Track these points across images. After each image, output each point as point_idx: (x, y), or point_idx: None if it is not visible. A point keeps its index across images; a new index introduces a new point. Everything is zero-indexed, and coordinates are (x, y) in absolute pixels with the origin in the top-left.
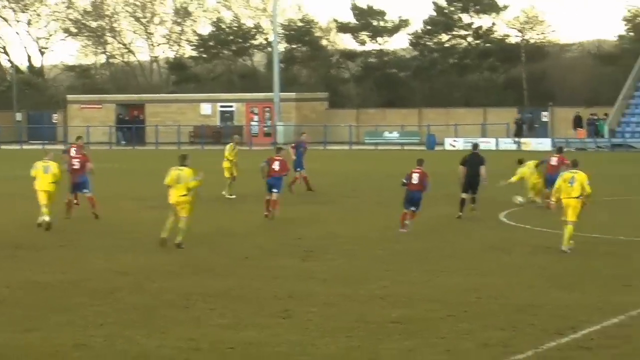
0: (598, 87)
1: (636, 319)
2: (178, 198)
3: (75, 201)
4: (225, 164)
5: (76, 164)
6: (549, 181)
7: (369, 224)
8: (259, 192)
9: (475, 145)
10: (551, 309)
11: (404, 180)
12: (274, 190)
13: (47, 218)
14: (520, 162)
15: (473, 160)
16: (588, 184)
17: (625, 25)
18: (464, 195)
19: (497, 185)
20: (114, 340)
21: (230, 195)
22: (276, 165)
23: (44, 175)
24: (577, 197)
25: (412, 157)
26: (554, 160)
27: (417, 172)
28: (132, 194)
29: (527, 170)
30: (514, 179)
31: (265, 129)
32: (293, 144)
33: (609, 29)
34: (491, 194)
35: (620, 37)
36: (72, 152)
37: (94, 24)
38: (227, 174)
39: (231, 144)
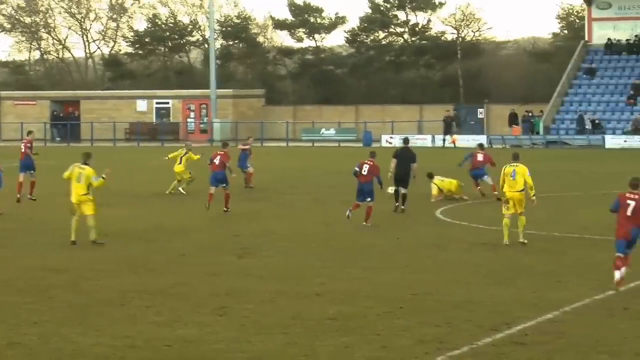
0: (533, 85)
1: (570, 314)
2: (79, 197)
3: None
4: (179, 168)
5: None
6: (477, 176)
7: (306, 220)
8: (195, 189)
9: (406, 140)
10: (487, 305)
11: (356, 169)
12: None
13: None
14: (430, 177)
15: (404, 154)
16: (529, 176)
17: (559, 23)
18: (395, 189)
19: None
20: (49, 339)
21: (174, 190)
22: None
23: None
24: (520, 191)
25: (348, 154)
26: (480, 157)
27: (368, 164)
28: (67, 191)
29: (443, 184)
30: (434, 193)
31: (202, 125)
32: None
33: (544, 27)
34: (427, 191)
35: (554, 34)
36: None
37: (27, 20)
38: (179, 177)
39: (182, 149)
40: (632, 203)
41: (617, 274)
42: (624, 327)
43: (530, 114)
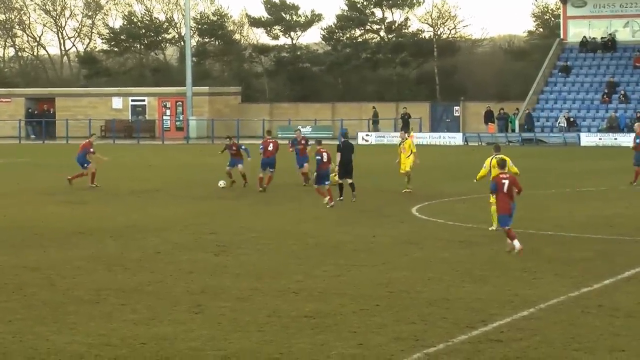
0: (509, 82)
1: (545, 311)
2: None
3: None
4: None
5: None
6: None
7: (282, 218)
8: (171, 186)
9: (346, 134)
10: (463, 302)
11: (318, 157)
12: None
13: None
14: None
15: (347, 147)
16: (512, 165)
17: (535, 21)
18: (341, 181)
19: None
20: (23, 337)
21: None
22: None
23: None
24: None
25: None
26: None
27: (325, 152)
28: (42, 188)
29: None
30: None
31: (178, 123)
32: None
33: (520, 25)
34: (402, 188)
35: (530, 32)
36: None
37: (2, 17)
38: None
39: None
40: (506, 181)
41: (517, 243)
42: (598, 324)
43: (503, 112)
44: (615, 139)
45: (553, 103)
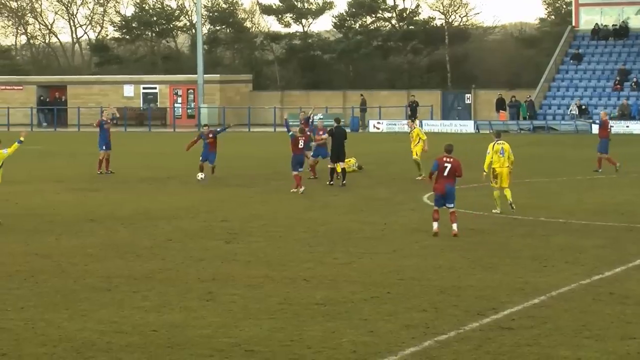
0: (520, 70)
1: (556, 299)
2: None
3: None
4: None
5: None
6: None
7: (293, 206)
8: (182, 174)
9: (338, 120)
10: (473, 290)
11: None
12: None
13: None
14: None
15: (339, 132)
16: (511, 152)
17: (546, 8)
18: (333, 165)
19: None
20: (35, 324)
21: None
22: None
23: None
24: (508, 166)
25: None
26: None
27: (302, 139)
28: (53, 176)
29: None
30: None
31: (189, 111)
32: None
33: (531, 12)
34: (412, 175)
35: (541, 20)
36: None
37: (14, 5)
38: None
39: None
40: (449, 165)
41: (436, 225)
42: (609, 311)
43: (515, 99)
44: (627, 126)
45: (565, 91)
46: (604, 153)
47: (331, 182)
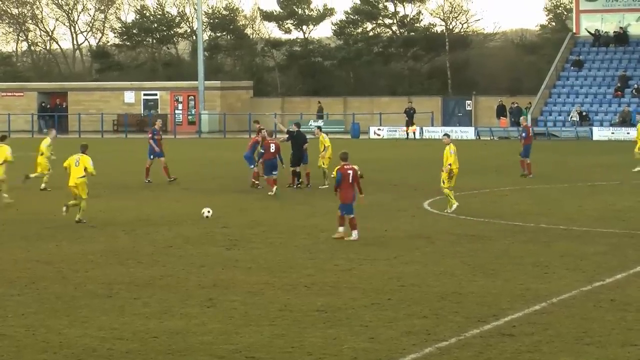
0: (521, 76)
1: (557, 306)
2: (76, 180)
3: None
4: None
5: None
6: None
7: (294, 212)
8: (183, 180)
9: (298, 124)
10: (474, 296)
11: (262, 151)
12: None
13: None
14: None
15: (299, 137)
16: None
17: (547, 15)
18: (293, 168)
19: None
20: (36, 330)
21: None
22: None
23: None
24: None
25: (336, 146)
26: None
27: (274, 143)
28: (53, 182)
29: None
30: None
31: (190, 117)
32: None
33: (532, 19)
34: (413, 182)
35: (542, 26)
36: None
37: (15, 11)
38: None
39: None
40: (351, 172)
41: (342, 229)
42: (610, 318)
43: (516, 105)
44: (628, 133)
45: (565, 97)
46: (527, 157)
47: (298, 185)
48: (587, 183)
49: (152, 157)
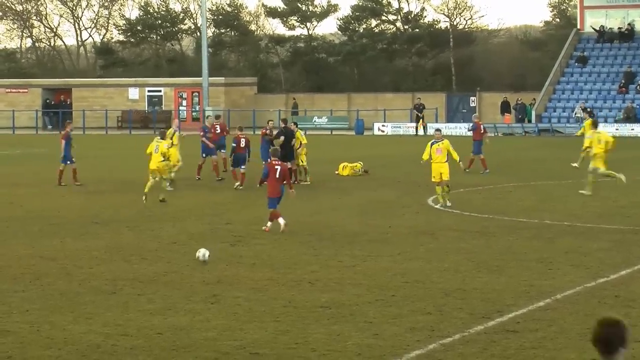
0: (525, 73)
1: (561, 302)
2: (158, 164)
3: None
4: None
5: None
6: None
7: (297, 209)
8: (186, 176)
9: (286, 120)
10: (478, 293)
11: (233, 145)
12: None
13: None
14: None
15: (287, 133)
16: (453, 150)
17: (551, 11)
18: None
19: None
20: (40, 327)
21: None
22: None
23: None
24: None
25: (340, 142)
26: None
27: (244, 138)
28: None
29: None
30: None
31: (194, 113)
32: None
33: (536, 15)
34: (416, 178)
35: (546, 22)
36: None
37: (19, 7)
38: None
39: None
40: (279, 168)
41: (282, 220)
42: (615, 314)
43: (520, 102)
44: (632, 129)
45: (570, 93)
46: (480, 154)
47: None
48: None
49: (205, 155)
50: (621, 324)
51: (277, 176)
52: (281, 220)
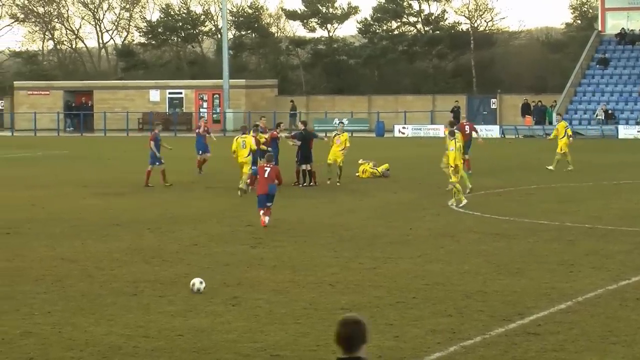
0: (546, 75)
1: (582, 305)
2: (243, 159)
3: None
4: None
5: None
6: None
7: (317, 211)
8: (206, 179)
9: (305, 123)
10: (499, 295)
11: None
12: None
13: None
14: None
15: (306, 136)
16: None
17: (572, 13)
18: (302, 167)
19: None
20: (62, 328)
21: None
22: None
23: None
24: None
25: (360, 144)
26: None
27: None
28: (79, 180)
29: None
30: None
31: (214, 116)
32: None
33: (557, 17)
34: (435, 181)
35: (567, 24)
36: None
37: (41, 10)
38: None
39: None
40: (268, 169)
41: (267, 219)
42: (636, 317)
43: (541, 104)
44: None
45: (591, 95)
46: (465, 154)
47: (297, 184)
48: (612, 182)
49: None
50: (362, 322)
51: (266, 176)
52: (266, 219)
